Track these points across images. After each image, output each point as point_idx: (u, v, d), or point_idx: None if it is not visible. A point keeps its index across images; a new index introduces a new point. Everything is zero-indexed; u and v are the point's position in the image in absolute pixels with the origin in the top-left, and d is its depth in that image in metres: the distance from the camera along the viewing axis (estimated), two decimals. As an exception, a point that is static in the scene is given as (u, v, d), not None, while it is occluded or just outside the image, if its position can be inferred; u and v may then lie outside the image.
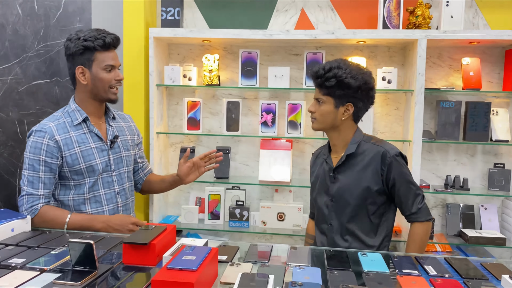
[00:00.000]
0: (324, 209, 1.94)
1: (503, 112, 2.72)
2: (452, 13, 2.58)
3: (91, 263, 1.28)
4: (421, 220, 1.86)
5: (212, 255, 1.29)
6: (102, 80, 1.88)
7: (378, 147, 1.85)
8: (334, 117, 1.86)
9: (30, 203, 1.84)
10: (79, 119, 1.91)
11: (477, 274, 1.44)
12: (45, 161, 1.84)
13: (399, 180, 1.83)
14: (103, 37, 1.86)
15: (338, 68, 1.80)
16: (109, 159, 1.95)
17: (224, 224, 2.90)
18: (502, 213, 2.84)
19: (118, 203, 2.00)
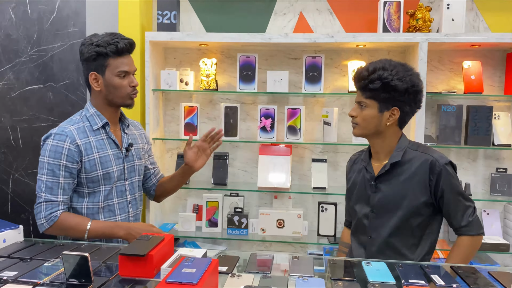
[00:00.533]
0: (364, 220, 1.82)
1: (505, 116, 2.69)
2: (453, 16, 2.56)
3: (86, 276, 1.24)
4: (471, 234, 1.73)
5: (212, 267, 1.24)
6: (116, 87, 1.82)
7: (426, 155, 1.72)
8: (378, 123, 1.73)
9: (49, 210, 1.76)
10: (98, 124, 1.84)
11: (486, 284, 1.39)
12: (65, 165, 1.76)
13: (448, 191, 1.70)
14: (116, 42, 1.79)
15: (383, 69, 1.68)
16: (123, 167, 1.89)
17: (222, 231, 2.85)
18: (505, 219, 2.81)
19: (129, 212, 1.94)
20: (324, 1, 2.87)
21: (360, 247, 1.85)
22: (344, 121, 2.87)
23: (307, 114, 2.90)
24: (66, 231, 1.79)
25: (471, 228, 1.72)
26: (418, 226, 1.75)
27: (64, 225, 1.78)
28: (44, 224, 1.78)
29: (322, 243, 2.76)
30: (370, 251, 1.80)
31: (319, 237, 2.81)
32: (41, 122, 3.08)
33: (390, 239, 1.76)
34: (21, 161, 3.12)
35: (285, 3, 2.90)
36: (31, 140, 3.11)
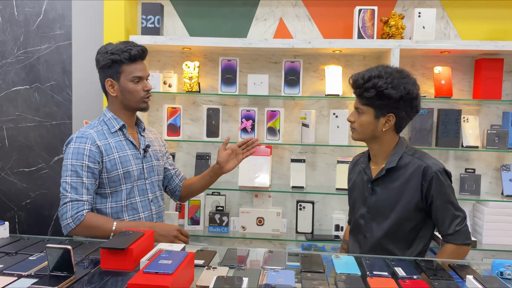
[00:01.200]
0: (360, 220, 1.89)
1: (473, 119, 2.82)
2: (423, 24, 2.67)
3: (69, 268, 1.29)
4: (456, 243, 1.77)
5: (188, 259, 1.31)
6: (131, 92, 1.90)
7: (420, 162, 1.76)
8: (374, 128, 1.78)
9: (75, 209, 1.80)
10: (116, 126, 1.92)
11: (444, 275, 1.49)
12: (88, 166, 1.83)
13: (438, 198, 1.75)
14: (129, 49, 1.87)
15: (378, 77, 1.71)
16: (142, 167, 1.96)
17: (204, 229, 2.93)
18: (474, 217, 2.94)
19: (152, 210, 2.00)
20: (303, 8, 2.98)
21: (356, 245, 1.93)
22: (321, 123, 2.98)
23: (286, 116, 3.00)
24: (91, 230, 1.81)
25: (457, 237, 1.76)
26: (411, 230, 1.81)
27: (90, 224, 1.81)
28: (70, 224, 1.80)
29: (300, 240, 2.86)
30: (364, 250, 1.87)
31: (297, 235, 2.91)
32: (27, 122, 3.14)
33: (383, 240, 1.83)
34: (7, 161, 3.17)
35: (266, 9, 3.00)
36: (17, 140, 3.15)
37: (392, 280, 1.40)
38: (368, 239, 1.87)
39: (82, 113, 3.05)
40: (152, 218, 2.01)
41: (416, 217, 1.80)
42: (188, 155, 3.09)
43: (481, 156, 2.94)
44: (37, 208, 3.18)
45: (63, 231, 1.82)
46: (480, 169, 2.91)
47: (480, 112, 2.92)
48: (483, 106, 2.92)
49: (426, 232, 1.84)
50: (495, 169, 2.94)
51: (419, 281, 1.40)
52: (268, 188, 2.85)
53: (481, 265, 1.62)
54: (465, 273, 1.47)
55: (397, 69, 1.78)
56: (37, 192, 3.17)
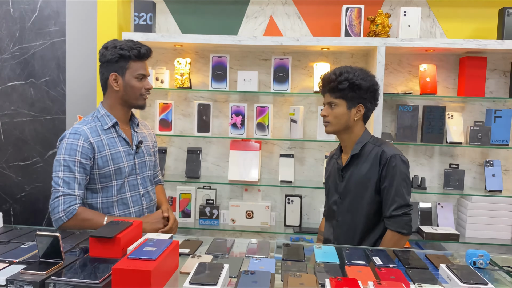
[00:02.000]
0: (333, 206, 2.05)
1: (457, 116, 2.89)
2: (409, 23, 2.74)
3: (58, 254, 1.35)
4: (391, 229, 1.90)
5: (172, 247, 1.37)
6: (133, 88, 1.95)
7: (378, 148, 1.95)
8: (347, 119, 1.95)
9: (68, 203, 1.83)
10: (108, 124, 1.97)
11: (419, 264, 1.56)
12: (80, 162, 1.87)
13: (386, 180, 1.90)
14: (138, 47, 1.94)
15: (348, 72, 1.92)
16: (134, 163, 2.01)
17: (195, 222, 3.00)
18: (458, 211, 3.02)
19: (143, 205, 2.06)
20: (292, 6, 3.04)
21: (330, 230, 2.07)
22: (310, 119, 3.05)
23: (275, 112, 3.06)
24: (83, 224, 1.84)
25: (392, 223, 1.90)
26: (374, 214, 1.97)
27: (82, 218, 1.85)
28: (62, 218, 1.83)
29: (289, 232, 2.93)
30: (337, 233, 2.03)
31: (286, 227, 2.98)
32: (22, 117, 3.19)
33: (352, 222, 1.99)
34: (2, 155, 3.23)
35: (256, 7, 3.06)
36: (12, 134, 3.21)
37: (368, 269, 1.46)
38: (340, 222, 2.02)
39: (76, 108, 3.10)
40: (143, 212, 2.05)
41: (376, 200, 1.95)
42: (179, 150, 3.15)
43: (465, 152, 3.00)
44: (32, 201, 3.24)
45: (54, 225, 1.87)
46: (464, 165, 2.98)
47: (464, 109, 2.98)
48: (467, 103, 2.98)
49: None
50: (479, 164, 3.01)
51: (395, 270, 1.45)
52: (258, 182, 2.92)
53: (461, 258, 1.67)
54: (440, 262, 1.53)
55: (359, 68, 2.00)
56: (32, 185, 3.22)
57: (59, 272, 1.27)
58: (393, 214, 1.90)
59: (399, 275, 1.39)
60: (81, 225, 1.86)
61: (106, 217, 1.89)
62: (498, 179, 2.86)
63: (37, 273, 1.26)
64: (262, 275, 1.28)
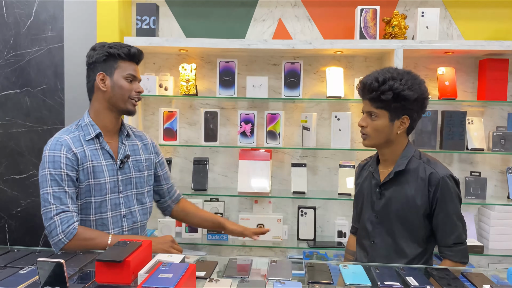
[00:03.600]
0: (368, 225, 1.85)
1: (478, 121, 2.77)
2: (427, 24, 2.63)
3: (62, 283, 1.22)
4: (454, 260, 1.74)
5: (189, 272, 1.25)
6: (122, 88, 1.81)
7: (428, 167, 1.74)
8: (389, 132, 1.74)
9: (66, 223, 1.68)
10: (91, 134, 1.81)
11: (458, 285, 1.43)
12: (67, 174, 1.72)
13: (442, 204, 1.72)
14: (128, 47, 1.84)
15: (393, 79, 1.68)
16: (117, 179, 1.84)
17: (202, 237, 2.86)
18: (479, 221, 2.89)
19: (123, 227, 1.87)
20: (302, 8, 2.93)
21: (363, 251, 1.88)
22: (322, 126, 2.92)
23: (286, 119, 2.94)
24: (85, 245, 1.70)
25: (454, 253, 1.73)
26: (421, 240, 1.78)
27: (84, 238, 1.71)
28: (62, 240, 1.68)
29: (302, 247, 2.79)
30: (373, 256, 1.82)
31: (299, 241, 2.84)
32: (18, 128, 3.05)
33: (392, 247, 1.78)
34: (-4, 167, 3.08)
35: (265, 10, 2.94)
36: (7, 145, 3.06)
37: (404, 290, 1.34)
38: (377, 245, 1.82)
39: (75, 118, 2.89)
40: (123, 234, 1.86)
41: (424, 224, 1.76)
42: (185, 160, 3.01)
43: (486, 159, 2.89)
44: (29, 216, 3.08)
45: (53, 248, 1.70)
46: (486, 172, 2.87)
47: (484, 114, 2.87)
48: (487, 107, 2.87)
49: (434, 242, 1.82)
50: (501, 172, 2.89)
51: None
52: (268, 194, 2.79)
53: (488, 271, 1.58)
54: (480, 282, 1.43)
55: (406, 71, 1.75)
56: (28, 200, 3.07)
57: (64, 305, 1.14)
58: (456, 242, 1.73)
59: (440, 298, 1.27)
60: (83, 246, 1.70)
61: (111, 236, 1.73)
62: (522, 187, 2.74)
63: (39, 306, 1.13)
64: (295, 304, 1.14)
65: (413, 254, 1.78)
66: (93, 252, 1.73)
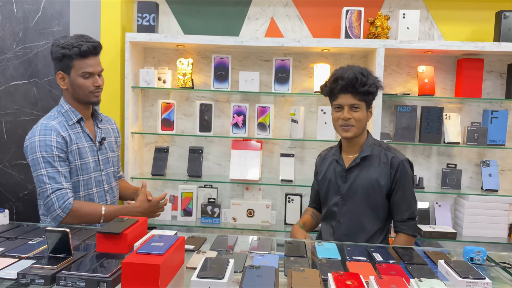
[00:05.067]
0: (334, 207, 2.02)
1: (455, 116, 2.93)
2: (408, 25, 2.78)
3: (67, 250, 1.38)
4: (408, 233, 1.96)
5: (178, 243, 1.40)
6: (80, 86, 1.92)
7: (388, 153, 1.96)
8: (366, 122, 1.95)
9: (61, 199, 1.82)
10: (73, 119, 1.96)
11: (418, 260, 1.60)
12: (58, 156, 1.85)
13: (400, 183, 1.94)
14: (79, 45, 1.86)
15: (370, 73, 1.91)
16: (98, 159, 2.02)
17: (196, 220, 3.03)
18: (455, 210, 3.06)
19: (107, 201, 2.07)
20: (293, 8, 3.08)
21: (329, 229, 2.06)
22: (310, 119, 3.09)
23: (276, 112, 3.10)
24: (81, 217, 1.85)
25: (407, 227, 1.97)
26: (380, 217, 1.99)
27: (79, 211, 1.85)
28: (60, 214, 1.83)
29: (289, 231, 2.92)
30: (338, 234, 2.02)
31: (286, 226, 3.01)
32: (25, 116, 3.22)
33: (356, 224, 1.98)
34: (5, 153, 3.25)
35: (258, 9, 3.09)
36: (15, 133, 3.23)
37: (369, 264, 1.50)
38: (343, 224, 2.01)
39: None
40: None
41: (386, 203, 1.98)
42: (181, 149, 3.18)
43: (462, 152, 3.05)
44: (34, 199, 3.16)
45: (53, 223, 1.86)
46: (461, 165, 3.03)
47: (461, 110, 3.03)
48: (464, 104, 3.03)
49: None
50: (476, 164, 3.05)
51: (395, 265, 1.49)
52: (258, 181, 2.96)
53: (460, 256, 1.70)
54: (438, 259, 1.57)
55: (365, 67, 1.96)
56: (34, 184, 3.23)
57: (69, 267, 1.31)
58: (410, 217, 1.97)
59: (399, 271, 1.43)
60: (80, 218, 1.86)
61: (104, 207, 1.91)
62: (495, 179, 2.90)
63: (48, 267, 1.30)
64: (266, 269, 1.31)
65: (374, 229, 1.99)
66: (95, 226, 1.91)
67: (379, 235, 2.00)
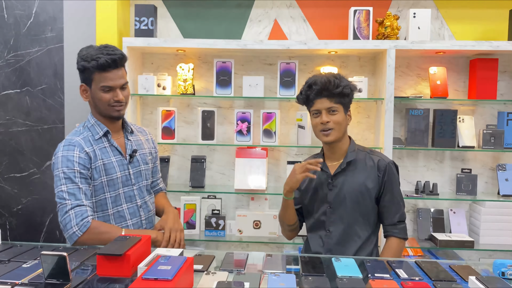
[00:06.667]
0: (322, 217, 1.95)
1: (468, 119, 2.83)
2: (419, 24, 2.68)
3: (65, 275, 1.27)
4: (399, 236, 1.92)
5: (187, 265, 1.29)
6: (101, 100, 1.84)
7: (374, 156, 1.94)
8: (345, 125, 1.92)
9: (80, 216, 1.73)
10: (99, 133, 1.88)
11: (446, 276, 1.49)
12: (80, 172, 1.78)
13: (388, 186, 1.91)
14: (98, 58, 1.78)
15: (342, 77, 1.91)
16: (129, 173, 1.92)
17: (200, 233, 2.91)
18: (470, 217, 2.95)
19: (141, 216, 1.96)
20: (297, 9, 2.97)
21: (318, 240, 1.97)
22: (317, 124, 2.97)
23: (282, 118, 2.99)
24: (99, 238, 1.74)
25: (398, 230, 1.93)
26: (371, 222, 1.94)
27: (98, 231, 1.74)
28: (76, 233, 1.72)
29: (298, 243, 2.83)
30: (329, 244, 1.93)
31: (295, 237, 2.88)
32: (18, 127, 3.09)
33: (347, 232, 1.91)
34: (-3, 166, 3.13)
35: (260, 11, 2.99)
36: (8, 144, 3.11)
37: (394, 282, 1.39)
38: (332, 233, 1.94)
39: (75, 117, 3.00)
40: (141, 224, 1.96)
41: (375, 208, 1.94)
42: (183, 158, 3.06)
43: (477, 156, 2.95)
44: (29, 214, 3.13)
45: (68, 242, 1.75)
46: (476, 169, 2.92)
47: (475, 112, 2.93)
48: (478, 106, 2.93)
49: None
50: (491, 169, 2.95)
51: (422, 283, 1.40)
52: (265, 191, 2.84)
53: (479, 265, 1.63)
54: (467, 274, 1.48)
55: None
56: (28, 198, 3.12)
57: (67, 296, 1.19)
58: (400, 220, 1.93)
59: (427, 289, 1.32)
60: (97, 239, 1.74)
61: (124, 231, 1.79)
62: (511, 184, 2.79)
63: (44, 297, 1.18)
64: (287, 294, 1.19)
65: (365, 236, 1.93)
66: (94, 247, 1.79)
67: (371, 241, 1.95)
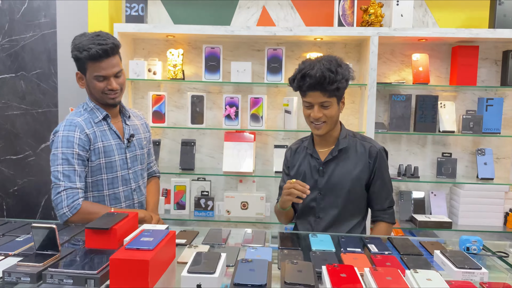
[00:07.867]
0: (312, 203, 1.95)
1: (450, 105, 2.90)
2: (402, 12, 2.74)
3: (54, 246, 1.34)
4: (388, 221, 1.97)
5: (169, 237, 1.37)
6: (95, 88, 1.88)
7: (365, 143, 1.94)
8: (338, 115, 1.89)
9: (71, 198, 1.79)
10: (99, 116, 1.93)
11: (413, 251, 1.58)
12: (78, 153, 1.83)
13: (379, 173, 1.92)
14: (89, 48, 1.79)
15: (340, 66, 1.78)
16: (126, 157, 1.98)
17: (190, 214, 3.00)
18: (450, 199, 3.05)
19: (134, 199, 2.03)
20: (285, -5, 3.03)
21: (306, 226, 1.99)
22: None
23: (269, 103, 3.06)
24: (88, 219, 1.74)
25: (388, 215, 1.98)
26: (361, 208, 1.98)
27: (87, 212, 1.80)
28: (66, 213, 1.79)
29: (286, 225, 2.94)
30: (317, 229, 1.96)
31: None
32: (13, 110, 3.16)
33: (337, 218, 1.93)
34: (-7, 148, 3.20)
35: (249, -2, 3.04)
36: (3, 128, 3.17)
37: (364, 256, 1.47)
38: (323, 219, 1.96)
39: (68, 101, 3.07)
40: (133, 206, 2.03)
41: (365, 194, 1.96)
42: (173, 142, 3.14)
43: (458, 141, 3.03)
44: (25, 195, 3.21)
45: (59, 220, 1.83)
46: (457, 153, 3.01)
47: (456, 98, 3.00)
48: (459, 92, 3.00)
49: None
50: (471, 153, 3.04)
51: (390, 257, 1.47)
52: (252, 173, 2.92)
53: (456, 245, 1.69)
54: (433, 249, 1.56)
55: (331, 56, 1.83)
56: (24, 179, 3.20)
57: (56, 264, 1.27)
58: (390, 205, 1.97)
59: (395, 262, 1.41)
60: (87, 220, 1.79)
61: (113, 210, 1.84)
62: (490, 167, 2.88)
63: (34, 264, 1.26)
64: (259, 263, 1.28)
65: (354, 222, 1.96)
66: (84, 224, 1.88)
67: (359, 226, 1.98)
